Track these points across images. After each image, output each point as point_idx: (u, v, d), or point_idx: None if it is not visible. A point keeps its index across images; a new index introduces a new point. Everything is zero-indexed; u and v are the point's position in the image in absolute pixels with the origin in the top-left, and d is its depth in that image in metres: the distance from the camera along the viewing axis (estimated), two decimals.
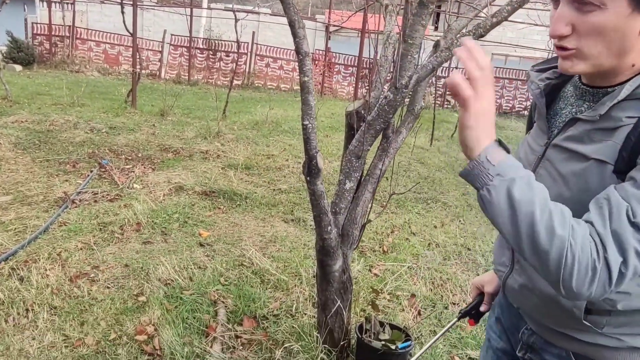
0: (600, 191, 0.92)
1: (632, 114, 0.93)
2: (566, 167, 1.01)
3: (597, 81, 1.02)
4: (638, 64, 0.96)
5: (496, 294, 1.42)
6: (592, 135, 0.98)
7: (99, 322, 2.78)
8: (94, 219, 4.19)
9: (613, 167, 0.92)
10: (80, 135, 6.99)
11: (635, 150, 0.89)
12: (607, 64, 0.96)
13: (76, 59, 15.78)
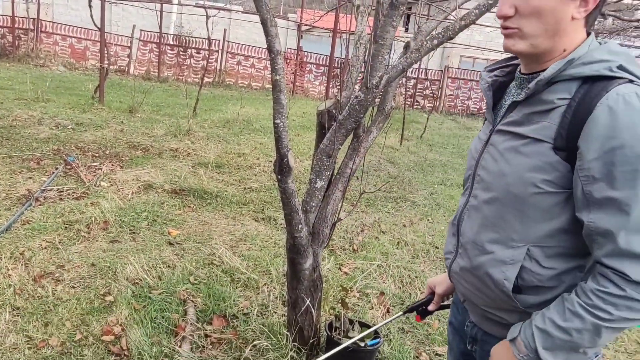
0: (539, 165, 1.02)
1: (562, 95, 1.02)
2: (505, 146, 1.10)
3: (533, 66, 1.11)
4: (568, 49, 1.05)
5: (445, 295, 1.50)
6: (530, 118, 1.07)
7: (64, 322, 2.71)
8: (59, 217, 4.09)
9: (552, 144, 1.01)
10: (45, 131, 6.81)
11: (572, 128, 0.99)
12: (543, 45, 1.06)
13: (41, 53, 15.33)
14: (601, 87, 0.97)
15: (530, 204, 1.05)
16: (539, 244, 1.06)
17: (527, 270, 1.08)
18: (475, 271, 1.17)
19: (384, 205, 5.44)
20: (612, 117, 0.94)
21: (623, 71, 0.98)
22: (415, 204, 5.64)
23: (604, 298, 0.97)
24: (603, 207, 0.96)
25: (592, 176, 0.96)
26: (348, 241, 4.29)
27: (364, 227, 4.68)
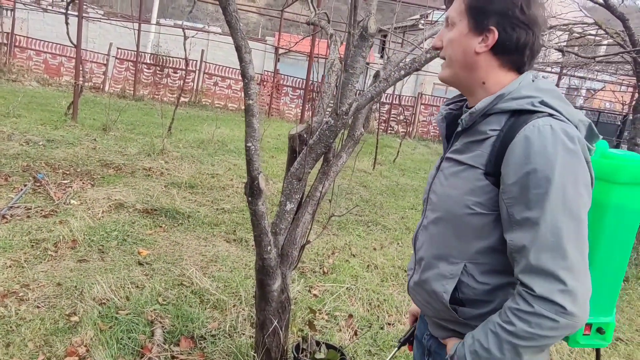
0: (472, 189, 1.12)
1: (494, 127, 1.13)
2: (449, 172, 1.21)
3: (471, 100, 1.24)
4: (487, 82, 1.17)
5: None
6: (468, 146, 1.18)
7: (26, 343, 2.66)
8: (26, 235, 4.02)
9: (483, 170, 1.12)
10: (14, 147, 6.70)
11: (498, 156, 1.09)
12: (460, 75, 1.20)
13: (14, 68, 15.11)
14: (523, 120, 1.08)
15: (465, 224, 1.14)
16: (474, 261, 1.15)
17: (464, 284, 1.16)
18: (424, 285, 1.25)
19: (355, 228, 5.51)
20: (527, 145, 1.04)
21: (545, 106, 1.08)
22: (386, 228, 5.72)
23: (518, 315, 1.03)
24: (522, 227, 1.04)
25: (513, 198, 1.05)
26: (319, 264, 4.32)
27: (334, 249, 4.72)
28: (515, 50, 1.13)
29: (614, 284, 1.25)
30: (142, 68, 16.29)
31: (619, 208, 1.20)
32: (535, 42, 1.13)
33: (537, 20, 1.12)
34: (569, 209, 1.01)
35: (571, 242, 1.01)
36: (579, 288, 1.00)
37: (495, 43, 1.12)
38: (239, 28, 1.90)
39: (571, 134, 1.03)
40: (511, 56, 1.14)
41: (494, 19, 1.12)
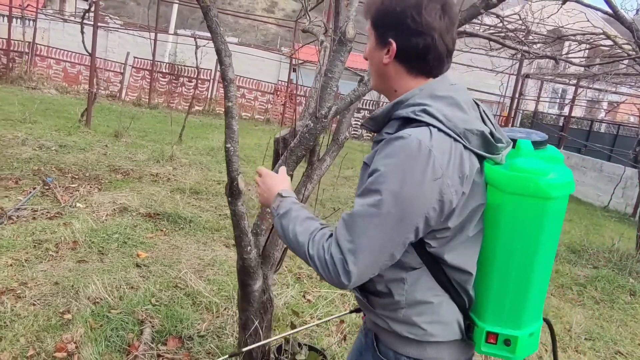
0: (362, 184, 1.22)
1: (390, 130, 1.19)
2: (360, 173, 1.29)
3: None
4: (398, 90, 1.24)
5: None
6: (374, 147, 1.23)
7: (18, 338, 2.73)
8: (30, 236, 4.12)
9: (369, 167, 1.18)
10: (27, 151, 6.87)
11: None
12: (379, 85, 1.30)
13: (34, 76, 15.49)
14: (404, 126, 1.15)
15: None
16: None
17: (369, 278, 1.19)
18: None
19: None
20: (385, 148, 1.12)
21: (426, 115, 1.12)
22: None
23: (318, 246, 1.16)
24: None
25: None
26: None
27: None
28: (417, 57, 1.18)
29: (519, 297, 1.21)
30: (157, 77, 16.57)
31: (512, 217, 1.18)
32: (436, 45, 1.16)
33: (432, 25, 1.14)
34: (381, 209, 1.08)
35: (368, 236, 1.09)
36: (355, 272, 1.10)
37: (397, 53, 1.18)
38: (219, 32, 1.96)
39: (425, 145, 1.07)
40: (415, 63, 1.19)
41: (391, 32, 1.18)
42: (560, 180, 1.16)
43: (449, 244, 1.17)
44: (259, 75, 17.79)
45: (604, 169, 11.23)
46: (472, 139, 1.13)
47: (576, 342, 3.72)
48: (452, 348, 1.24)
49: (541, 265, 1.21)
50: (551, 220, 1.18)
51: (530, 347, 1.26)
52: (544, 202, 1.14)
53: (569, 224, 7.93)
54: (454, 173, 1.10)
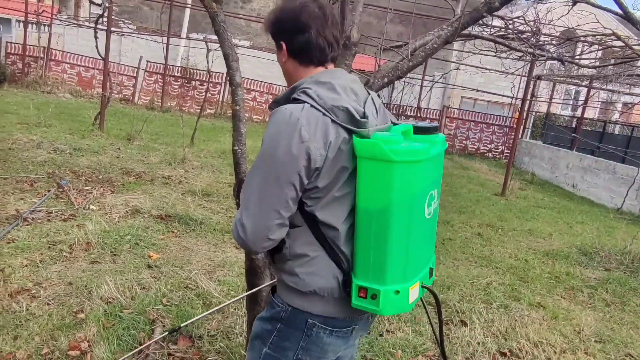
0: None
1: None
2: None
3: None
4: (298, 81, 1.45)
5: None
6: None
7: (33, 337, 2.80)
8: (44, 237, 4.21)
9: None
10: (42, 155, 7.00)
11: None
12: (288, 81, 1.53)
13: (49, 80, 15.74)
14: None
15: None
16: None
17: None
18: None
19: None
20: (269, 120, 1.37)
21: (304, 95, 1.36)
22: None
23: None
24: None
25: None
26: None
27: None
28: (302, 50, 1.45)
29: (379, 253, 1.35)
30: (170, 80, 16.74)
31: (366, 178, 1.35)
32: (315, 37, 1.42)
33: (307, 22, 1.41)
34: (262, 169, 1.34)
35: (254, 192, 1.35)
36: (248, 225, 1.34)
37: (288, 51, 1.46)
38: (226, 37, 2.00)
39: (295, 115, 1.32)
40: (303, 56, 1.46)
41: (281, 37, 1.47)
42: (406, 148, 1.32)
43: (320, 203, 1.38)
44: (271, 78, 17.87)
45: (618, 171, 11.12)
46: (339, 114, 1.35)
47: (586, 344, 3.70)
48: (328, 302, 1.43)
49: (400, 225, 1.34)
50: (401, 182, 1.32)
51: (398, 305, 1.39)
52: (388, 164, 1.30)
53: (581, 226, 7.88)
54: (320, 139, 1.32)
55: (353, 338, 1.56)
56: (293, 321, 1.46)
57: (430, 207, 1.43)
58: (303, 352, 1.47)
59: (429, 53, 2.04)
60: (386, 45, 2.53)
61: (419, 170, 1.35)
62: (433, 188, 1.44)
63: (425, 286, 1.49)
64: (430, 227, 1.50)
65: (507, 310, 4.09)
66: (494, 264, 5.33)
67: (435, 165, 1.46)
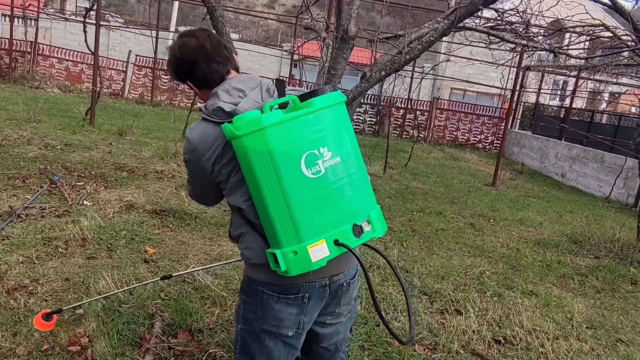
0: None
1: None
2: None
3: None
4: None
5: None
6: None
7: (32, 333, 2.80)
8: (39, 234, 4.20)
9: None
10: (33, 151, 6.94)
11: None
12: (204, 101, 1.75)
13: (37, 75, 15.56)
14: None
15: None
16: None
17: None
18: None
19: None
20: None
21: (200, 111, 1.63)
22: (392, 230, 5.78)
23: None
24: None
25: None
26: None
27: None
28: (203, 80, 1.67)
29: (265, 219, 1.51)
30: (159, 74, 16.62)
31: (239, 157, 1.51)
32: (206, 65, 1.64)
33: (192, 58, 1.64)
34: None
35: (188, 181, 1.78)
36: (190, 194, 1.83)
37: (196, 86, 1.71)
38: (225, 32, 2.01)
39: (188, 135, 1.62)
40: (206, 83, 1.68)
41: (183, 78, 1.72)
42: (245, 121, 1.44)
43: (227, 190, 1.63)
44: (260, 71, 17.84)
45: (605, 160, 11.26)
46: (218, 114, 1.56)
47: (578, 330, 3.78)
48: (265, 270, 1.58)
49: (270, 190, 1.46)
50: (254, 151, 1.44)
51: (301, 265, 1.48)
52: (237, 140, 1.46)
53: (571, 215, 7.99)
54: (204, 145, 1.57)
55: (312, 309, 1.67)
56: (249, 290, 1.67)
57: (315, 166, 1.48)
58: (263, 322, 1.65)
59: (426, 46, 2.06)
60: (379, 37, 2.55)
61: (269, 136, 1.44)
62: (313, 147, 1.48)
63: (340, 243, 1.52)
64: (332, 185, 1.52)
65: (500, 298, 4.16)
66: (486, 253, 5.40)
67: (312, 124, 1.49)
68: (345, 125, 1.58)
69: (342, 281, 1.70)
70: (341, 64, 2.11)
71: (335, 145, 1.52)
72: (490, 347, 3.37)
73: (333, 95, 1.52)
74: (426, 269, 4.62)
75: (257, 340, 1.68)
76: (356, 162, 1.57)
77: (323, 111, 1.51)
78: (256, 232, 1.60)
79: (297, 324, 1.66)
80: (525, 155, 15.14)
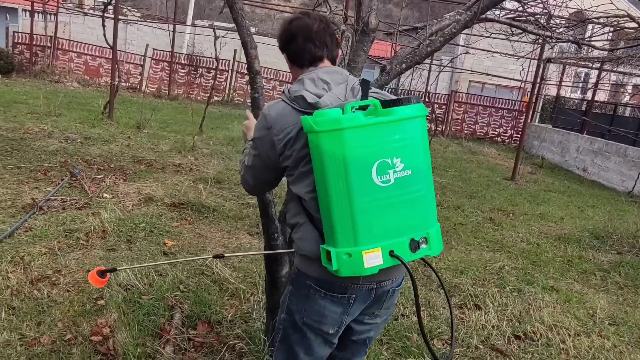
0: None
1: None
2: None
3: None
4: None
5: None
6: None
7: (55, 323, 2.85)
8: (61, 226, 4.26)
9: None
10: (54, 144, 7.04)
11: None
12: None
13: (56, 69, 15.77)
14: None
15: None
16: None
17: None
18: None
19: None
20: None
21: (282, 93, 1.67)
22: None
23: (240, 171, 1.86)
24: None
25: None
26: None
27: None
28: (295, 55, 1.71)
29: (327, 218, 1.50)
30: (176, 68, 16.72)
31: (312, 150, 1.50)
32: (303, 42, 1.67)
33: (294, 32, 1.68)
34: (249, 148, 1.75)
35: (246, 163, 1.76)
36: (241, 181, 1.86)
37: (288, 58, 1.74)
38: (244, 25, 2.01)
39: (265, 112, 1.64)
40: (296, 60, 1.71)
41: (282, 49, 1.75)
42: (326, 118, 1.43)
43: (292, 178, 1.64)
44: (278, 64, 17.79)
45: (629, 154, 11.03)
46: (299, 102, 1.57)
47: (600, 327, 3.72)
48: (320, 265, 1.56)
49: (336, 190, 1.45)
50: (329, 149, 1.43)
51: (353, 267, 1.47)
52: (315, 134, 1.45)
53: (592, 210, 7.85)
54: (280, 125, 1.59)
55: (355, 309, 1.66)
56: (297, 282, 1.68)
57: (386, 175, 1.46)
58: (306, 315, 1.66)
59: (448, 38, 2.03)
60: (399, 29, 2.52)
61: (347, 137, 1.43)
62: (387, 156, 1.46)
63: (395, 255, 1.49)
64: (398, 197, 1.49)
65: (520, 294, 4.11)
66: (506, 248, 5.34)
67: (391, 133, 1.47)
68: (423, 140, 1.55)
69: (388, 288, 1.69)
70: (362, 56, 2.09)
71: (409, 158, 1.50)
72: (510, 343, 3.33)
73: (417, 107, 1.50)
74: (445, 263, 4.58)
75: (299, 332, 1.69)
76: (425, 178, 1.55)
77: (405, 122, 1.49)
78: (313, 225, 1.61)
79: (339, 322, 1.66)
80: (545, 149, 14.91)
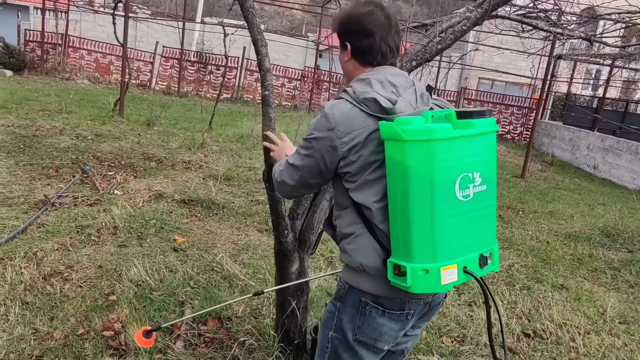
0: None
1: None
2: None
3: None
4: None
5: None
6: None
7: (68, 317, 2.89)
8: (72, 222, 4.31)
9: None
10: (65, 141, 7.11)
11: None
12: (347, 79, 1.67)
13: (67, 67, 15.89)
14: None
15: None
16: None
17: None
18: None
19: None
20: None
21: (345, 92, 1.53)
22: None
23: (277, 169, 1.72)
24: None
25: None
26: None
27: None
28: (364, 52, 1.57)
29: (405, 232, 1.42)
30: (186, 65, 16.78)
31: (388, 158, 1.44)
32: (379, 42, 1.55)
33: (372, 28, 1.53)
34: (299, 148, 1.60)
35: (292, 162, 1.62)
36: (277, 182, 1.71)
37: (352, 52, 1.59)
38: (255, 23, 2.02)
39: (327, 111, 1.51)
40: (364, 58, 1.59)
41: (346, 38, 1.60)
42: (416, 127, 1.37)
43: (355, 185, 1.51)
44: (286, 61, 17.83)
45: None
46: (369, 105, 1.47)
47: (610, 325, 3.70)
48: (378, 281, 1.51)
49: (420, 203, 1.39)
50: (415, 160, 1.37)
51: (429, 284, 1.42)
52: (401, 144, 1.38)
53: (603, 208, 7.80)
54: (346, 127, 1.48)
55: (410, 324, 1.60)
56: (349, 299, 1.56)
57: (467, 189, 1.43)
58: (360, 333, 1.55)
59: (458, 35, 2.03)
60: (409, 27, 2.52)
61: (436, 149, 1.37)
62: (469, 170, 1.43)
63: (468, 271, 1.47)
64: (474, 212, 1.48)
65: (529, 292, 4.10)
66: (515, 246, 5.32)
67: (472, 147, 1.44)
68: (495, 155, 1.54)
69: (439, 299, 1.65)
70: None
71: (486, 173, 1.49)
72: (520, 341, 3.33)
73: (492, 121, 1.49)
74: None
75: (350, 350, 1.60)
76: (495, 193, 1.55)
77: (485, 136, 1.48)
78: (372, 236, 1.51)
79: (395, 338, 1.59)
80: (555, 147, 14.81)
